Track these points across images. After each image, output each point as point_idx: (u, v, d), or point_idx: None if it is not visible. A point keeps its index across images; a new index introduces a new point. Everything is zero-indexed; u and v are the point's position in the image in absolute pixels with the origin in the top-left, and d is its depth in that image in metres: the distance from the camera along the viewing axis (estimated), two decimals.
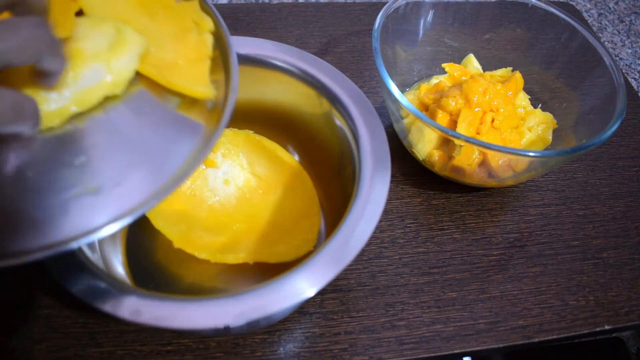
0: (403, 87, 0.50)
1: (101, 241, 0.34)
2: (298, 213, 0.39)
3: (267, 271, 0.37)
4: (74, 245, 0.22)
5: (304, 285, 0.27)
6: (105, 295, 0.26)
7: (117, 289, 0.26)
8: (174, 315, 0.25)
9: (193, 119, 0.28)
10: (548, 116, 0.46)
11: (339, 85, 0.37)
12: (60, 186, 0.23)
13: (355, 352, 0.35)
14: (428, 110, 0.45)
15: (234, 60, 0.30)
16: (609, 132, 0.38)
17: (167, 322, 0.25)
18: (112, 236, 0.36)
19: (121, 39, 0.27)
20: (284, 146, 0.41)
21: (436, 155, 0.42)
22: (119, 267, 0.35)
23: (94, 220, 0.23)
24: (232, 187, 0.40)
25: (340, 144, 0.37)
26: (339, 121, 0.36)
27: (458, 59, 0.51)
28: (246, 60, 0.38)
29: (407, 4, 0.46)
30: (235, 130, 0.41)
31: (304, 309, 0.37)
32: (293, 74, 0.38)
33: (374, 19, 0.43)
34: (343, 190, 0.36)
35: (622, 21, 0.73)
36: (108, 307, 0.25)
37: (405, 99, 0.38)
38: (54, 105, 0.24)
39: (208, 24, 0.30)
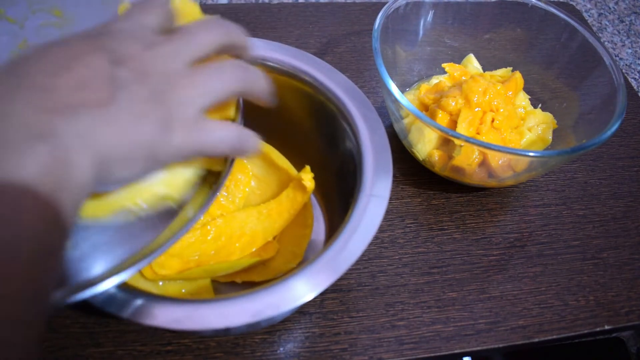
0: (403, 87, 0.50)
1: None
2: (291, 223, 0.38)
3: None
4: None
5: (306, 288, 0.27)
6: (114, 299, 0.26)
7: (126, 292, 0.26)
8: (176, 318, 0.25)
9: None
10: (548, 116, 0.46)
11: (339, 85, 0.37)
12: None
13: (355, 352, 0.35)
14: (428, 110, 0.45)
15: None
16: (609, 132, 0.38)
17: (168, 324, 0.25)
18: None
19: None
20: (283, 146, 0.41)
21: (436, 155, 0.42)
22: None
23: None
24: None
25: (340, 144, 0.37)
26: (338, 121, 0.36)
27: (458, 59, 0.51)
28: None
29: (407, 4, 0.46)
30: None
31: (304, 309, 0.37)
32: (292, 74, 0.38)
33: (374, 19, 0.43)
34: (344, 190, 0.36)
35: (622, 21, 0.73)
36: (121, 312, 0.25)
37: (405, 99, 0.38)
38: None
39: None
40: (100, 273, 0.24)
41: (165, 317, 0.25)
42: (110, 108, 0.21)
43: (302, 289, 0.27)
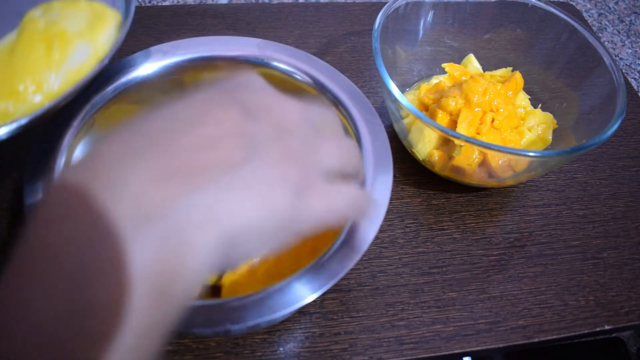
0: (403, 87, 0.50)
1: None
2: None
3: None
4: None
5: (307, 289, 0.27)
6: None
7: None
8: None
9: None
10: (548, 116, 0.46)
11: (339, 86, 0.37)
12: None
13: (355, 352, 0.35)
14: (428, 110, 0.45)
15: None
16: (609, 132, 0.38)
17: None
18: None
19: (98, 16, 0.28)
20: None
21: (436, 155, 0.42)
22: None
23: None
24: None
25: None
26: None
27: (458, 59, 0.51)
28: (246, 60, 0.38)
29: (407, 4, 0.46)
30: None
31: (304, 309, 0.37)
32: (292, 75, 0.38)
33: (374, 19, 0.43)
34: None
35: (622, 21, 0.73)
36: None
37: (405, 99, 0.38)
38: (55, 84, 0.26)
39: None
40: None
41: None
42: (243, 170, 0.18)
43: (302, 291, 0.27)
